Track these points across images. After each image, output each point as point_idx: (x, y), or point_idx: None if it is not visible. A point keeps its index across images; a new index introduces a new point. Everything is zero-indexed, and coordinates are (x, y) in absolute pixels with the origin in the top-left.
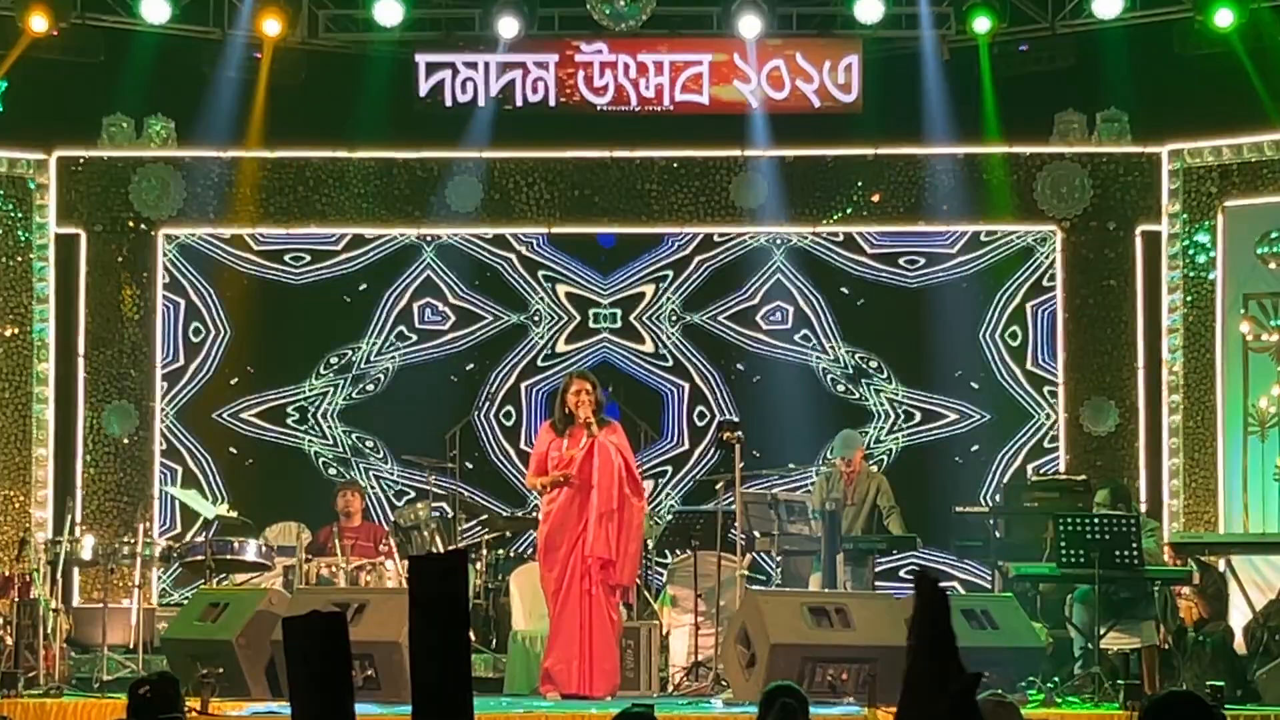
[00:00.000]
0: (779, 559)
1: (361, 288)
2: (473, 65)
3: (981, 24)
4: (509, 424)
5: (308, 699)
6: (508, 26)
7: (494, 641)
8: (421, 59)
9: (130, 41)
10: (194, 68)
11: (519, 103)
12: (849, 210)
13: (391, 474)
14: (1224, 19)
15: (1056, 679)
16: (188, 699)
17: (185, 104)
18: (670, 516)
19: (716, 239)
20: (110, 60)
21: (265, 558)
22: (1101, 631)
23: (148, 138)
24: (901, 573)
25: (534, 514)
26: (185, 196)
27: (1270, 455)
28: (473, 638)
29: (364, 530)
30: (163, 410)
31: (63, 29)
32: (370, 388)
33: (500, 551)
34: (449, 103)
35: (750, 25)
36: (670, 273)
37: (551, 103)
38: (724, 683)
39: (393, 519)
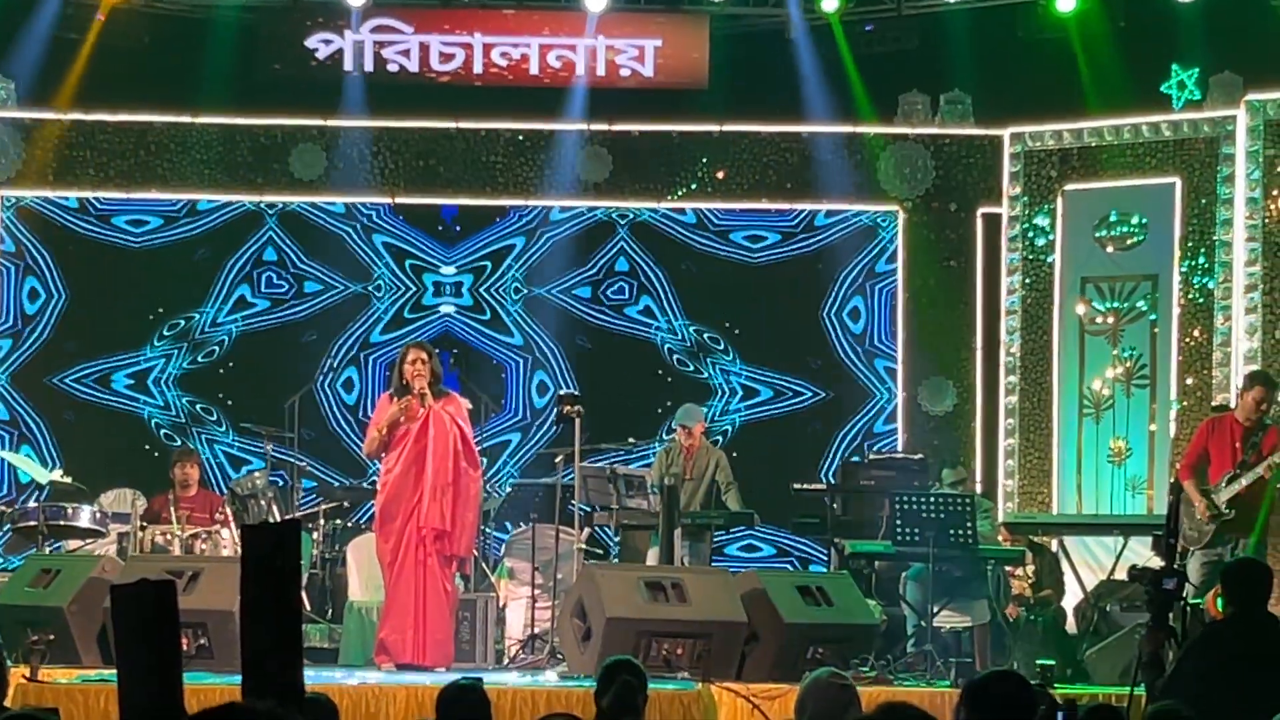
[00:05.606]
0: (617, 533)
1: (201, 253)
2: (319, 35)
3: (829, 3)
4: (349, 394)
5: (134, 666)
6: None
7: (330, 612)
8: (268, 27)
9: None
10: (34, 27)
11: (364, 71)
12: (693, 186)
13: (229, 442)
14: (1066, 4)
15: (890, 656)
16: (18, 666)
17: (24, 64)
18: (509, 489)
19: (561, 212)
20: None
21: (99, 524)
22: (935, 610)
23: None
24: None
25: (372, 485)
26: (24, 158)
27: (1104, 437)
28: (308, 607)
29: (200, 499)
30: None
31: None
32: (209, 355)
33: (338, 521)
34: (294, 70)
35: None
36: (514, 245)
37: (395, 72)
38: (559, 656)
39: (230, 487)
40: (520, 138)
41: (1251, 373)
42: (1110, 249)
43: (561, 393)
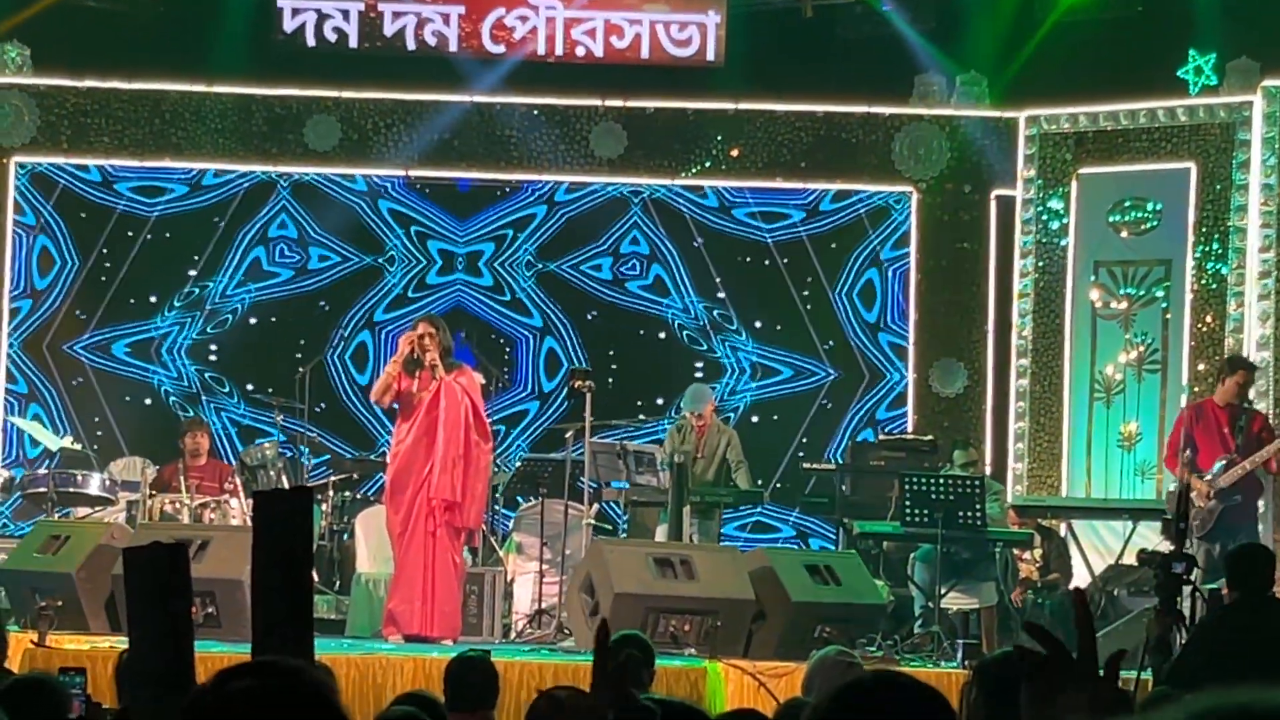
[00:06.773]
0: (626, 509)
1: (215, 222)
2: (336, 5)
3: None
4: (360, 366)
5: (147, 630)
6: None
7: (337, 583)
8: (286, 4)
9: None
10: None
11: (379, 44)
12: (707, 164)
13: (240, 412)
14: None
15: (896, 637)
16: (26, 631)
17: (42, 31)
18: (519, 463)
19: (575, 188)
20: None
21: (109, 492)
22: (942, 591)
23: (2, 64)
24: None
25: (381, 457)
26: (39, 125)
27: (1115, 421)
28: (316, 579)
29: (209, 468)
30: (9, 340)
31: None
32: (221, 325)
33: (347, 493)
34: (310, 42)
35: None
36: (527, 220)
37: (412, 46)
38: (567, 630)
39: (239, 457)
40: (535, 112)
41: (1232, 357)
42: (1124, 234)
43: (573, 368)
